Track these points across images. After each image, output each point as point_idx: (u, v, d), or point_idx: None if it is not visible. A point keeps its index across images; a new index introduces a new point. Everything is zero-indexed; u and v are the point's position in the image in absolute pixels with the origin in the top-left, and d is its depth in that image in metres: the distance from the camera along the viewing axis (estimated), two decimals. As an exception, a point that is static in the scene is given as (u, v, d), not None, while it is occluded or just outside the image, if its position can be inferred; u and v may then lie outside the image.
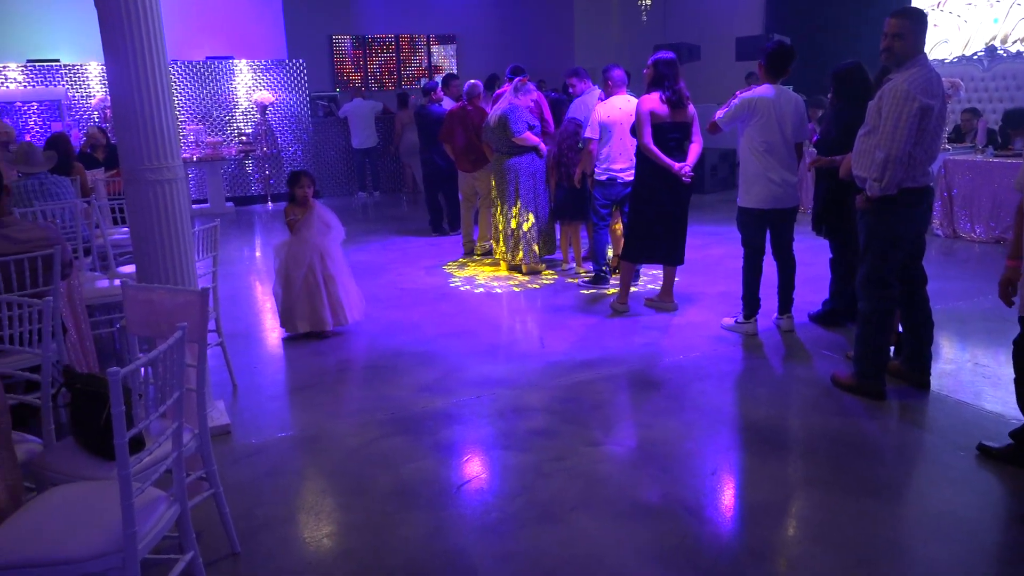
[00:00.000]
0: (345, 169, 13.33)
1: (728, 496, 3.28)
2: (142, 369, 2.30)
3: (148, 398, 2.35)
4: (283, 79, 12.47)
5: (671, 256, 5.70)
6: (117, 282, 4.95)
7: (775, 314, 5.38)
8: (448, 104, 8.92)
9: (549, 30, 15.55)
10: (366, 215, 11.44)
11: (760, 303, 5.24)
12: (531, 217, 6.95)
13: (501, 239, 7.16)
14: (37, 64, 11.28)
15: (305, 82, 12.65)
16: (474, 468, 3.60)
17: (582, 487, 3.34)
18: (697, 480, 3.39)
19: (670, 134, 5.42)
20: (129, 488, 2.05)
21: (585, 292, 6.48)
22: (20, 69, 11.17)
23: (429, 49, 15.65)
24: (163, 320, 2.78)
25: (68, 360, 3.61)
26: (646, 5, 12.55)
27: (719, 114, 5.11)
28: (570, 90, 7.23)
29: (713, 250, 7.82)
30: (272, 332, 5.84)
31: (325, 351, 5.24)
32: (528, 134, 6.81)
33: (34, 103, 11.17)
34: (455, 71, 15.49)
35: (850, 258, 5.05)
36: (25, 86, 11.18)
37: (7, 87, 11.09)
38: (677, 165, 5.36)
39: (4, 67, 11.10)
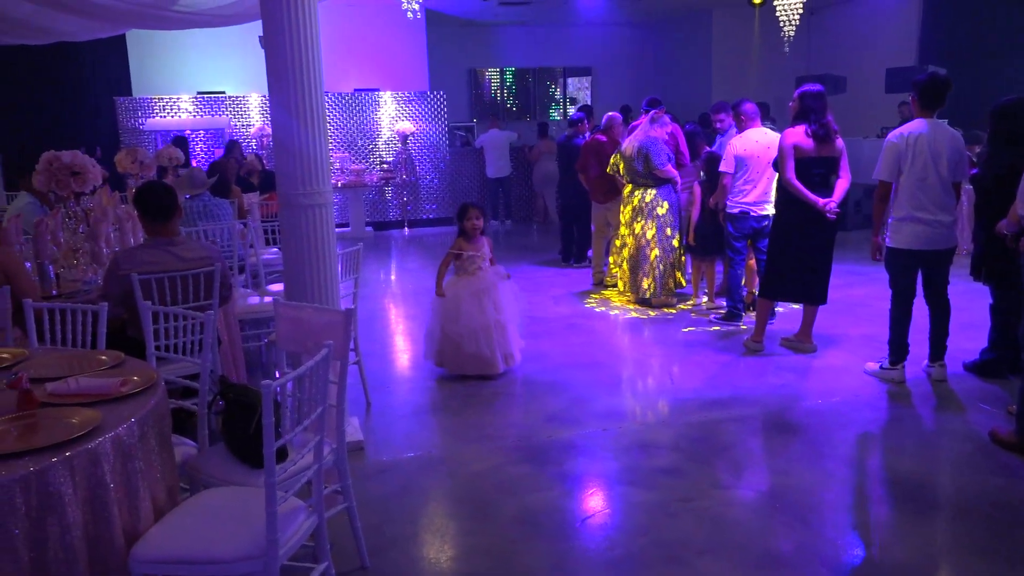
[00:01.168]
0: (478, 197, 13.63)
1: (869, 554, 3.08)
2: (289, 383, 2.43)
3: (292, 411, 2.48)
4: (424, 110, 12.96)
5: (812, 295, 5.46)
6: (267, 299, 5.26)
7: (925, 361, 5.04)
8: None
9: (686, 62, 15.42)
10: (497, 243, 11.63)
11: (909, 349, 4.92)
12: (664, 251, 6.86)
13: (631, 271, 7.10)
14: (205, 96, 12.27)
15: (445, 113, 13.09)
16: (598, 502, 3.55)
17: (710, 531, 3.23)
18: (835, 534, 3.20)
19: (815, 169, 5.22)
20: (274, 496, 2.15)
21: (717, 328, 6.31)
22: (191, 100, 12.18)
23: (565, 81, 15.86)
24: (309, 337, 2.92)
25: (221, 370, 3.86)
26: (789, 36, 12.23)
27: (879, 171, 4.85)
28: (717, 125, 7.12)
29: (856, 290, 7.43)
30: (404, 353, 6.03)
31: (454, 374, 5.34)
32: (669, 166, 6.76)
33: (201, 131, 12.14)
34: (590, 103, 15.63)
35: (1013, 304, 4.66)
36: (194, 116, 12.17)
37: (180, 116, 12.12)
38: (821, 201, 5.16)
39: (178, 98, 12.14)
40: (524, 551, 3.11)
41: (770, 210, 5.82)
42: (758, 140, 5.96)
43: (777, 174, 5.42)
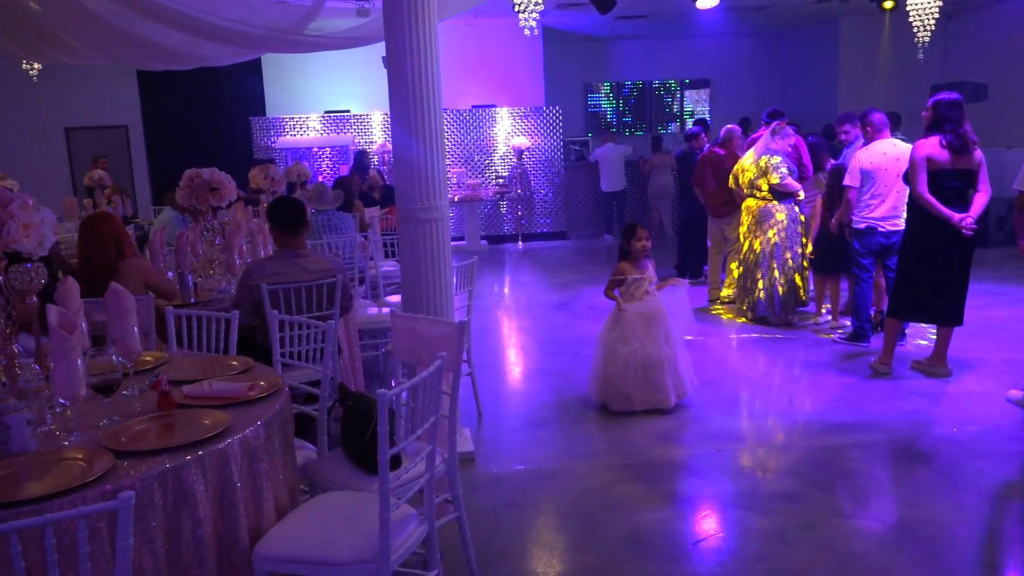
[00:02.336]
0: (593, 212, 13.62)
1: (1011, 597, 2.85)
2: (403, 392, 2.49)
3: (406, 420, 2.54)
4: (539, 125, 13.07)
5: (947, 316, 5.13)
6: (385, 310, 5.43)
7: (1078, 390, 4.63)
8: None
9: (810, 72, 14.87)
10: (610, 257, 11.57)
11: (1058, 376, 4.54)
12: (784, 266, 6.62)
13: (748, 288, 6.89)
14: (332, 114, 12.85)
15: (560, 128, 13.16)
16: (711, 525, 3.45)
17: (832, 562, 3.07)
18: (971, 573, 2.98)
19: (949, 182, 4.92)
20: (387, 502, 2.21)
21: (841, 349, 6.01)
22: (319, 119, 12.79)
23: (682, 94, 15.62)
24: (424, 348, 2.99)
25: (341, 378, 4.01)
26: (923, 42, 11.59)
27: (1019, 182, 4.51)
28: (841, 136, 6.83)
29: (996, 311, 6.92)
30: (516, 366, 6.07)
31: (565, 389, 5.33)
32: (791, 179, 6.53)
33: (327, 148, 12.72)
34: (708, 116, 15.32)
35: None
36: (321, 134, 12.77)
37: (308, 135, 12.74)
38: (957, 216, 4.85)
39: (307, 117, 12.77)
40: (632, 572, 3.06)
41: (901, 225, 5.52)
42: (886, 152, 5.67)
43: (908, 188, 5.14)
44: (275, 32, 6.44)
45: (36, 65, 9.67)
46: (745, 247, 6.92)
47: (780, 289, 6.66)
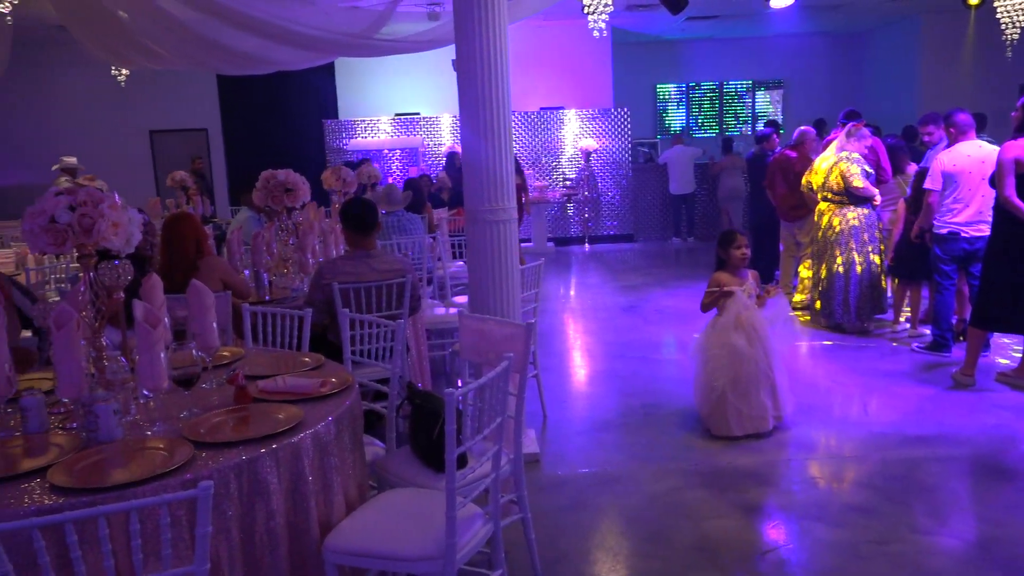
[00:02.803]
0: (661, 214, 13.48)
1: (1104, 623, 2.70)
2: (470, 392, 2.51)
3: (472, 420, 2.56)
4: (607, 127, 13.01)
5: (1034, 326, 4.89)
6: (452, 310, 5.48)
7: None
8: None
9: (889, 71, 14.40)
10: (679, 260, 11.43)
11: None
12: (859, 272, 6.43)
13: (823, 293, 6.71)
14: (402, 117, 13.05)
15: (628, 129, 13.07)
16: (781, 535, 3.38)
17: (907, 578, 2.97)
18: (1060, 596, 2.84)
19: (1040, 185, 4.70)
20: (453, 500, 2.24)
21: (920, 359, 5.80)
22: (389, 121, 13.01)
23: (754, 95, 15.33)
24: (491, 348, 3.01)
25: (409, 376, 4.07)
26: (1012, 39, 11.08)
27: None
28: (925, 138, 6.59)
29: (1091, 322, 6.56)
30: (581, 368, 6.05)
31: (631, 393, 5.29)
32: (867, 183, 6.34)
33: (397, 150, 12.93)
34: (780, 117, 14.99)
35: None
36: (391, 136, 12.98)
37: (378, 137, 12.97)
38: (1048, 221, 4.62)
39: (377, 120, 13.00)
40: (699, 579, 3.01)
41: (985, 231, 5.29)
42: (970, 154, 5.44)
43: (995, 192, 4.92)
44: (348, 37, 6.58)
45: (124, 71, 10.11)
46: (818, 252, 6.74)
47: (857, 296, 6.46)
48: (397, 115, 13.10)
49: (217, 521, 2.04)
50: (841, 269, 6.48)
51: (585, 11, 8.37)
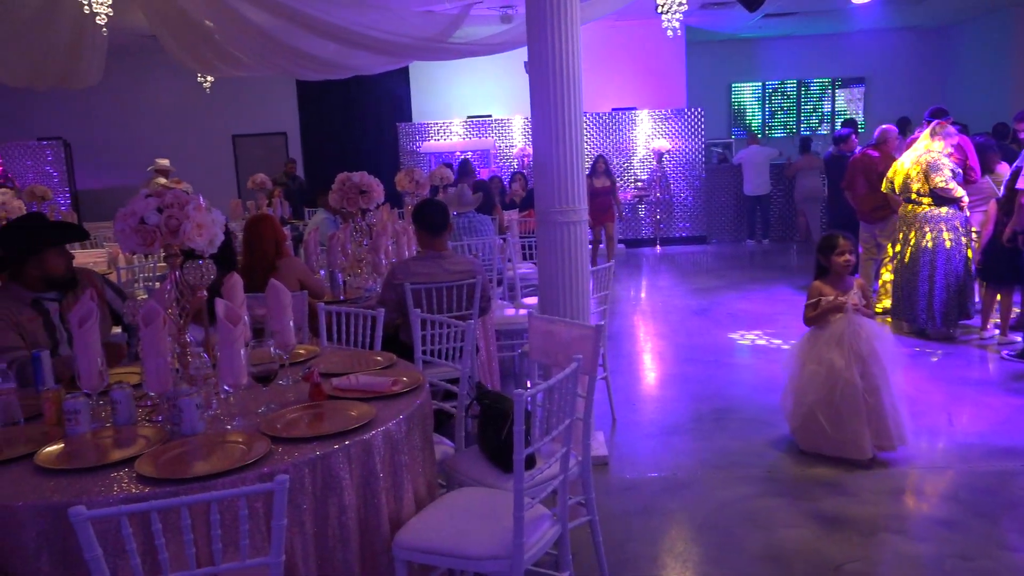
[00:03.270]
0: (734, 216, 13.22)
1: None
2: (539, 393, 2.52)
3: (541, 421, 2.57)
4: (681, 127, 12.83)
5: None
6: (522, 312, 5.50)
7: None
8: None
9: (979, 67, 13.76)
10: (753, 263, 11.19)
11: None
12: (945, 276, 6.17)
13: (905, 298, 6.46)
14: (474, 119, 13.17)
15: (702, 130, 12.86)
16: (858, 548, 3.27)
17: (995, 597, 2.84)
18: None
19: None
20: (521, 501, 2.24)
21: (1009, 367, 5.53)
22: (461, 123, 13.15)
23: (833, 93, 14.89)
24: (560, 350, 3.01)
25: (478, 377, 4.10)
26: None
27: None
28: (1021, 135, 6.28)
29: None
30: (651, 372, 5.98)
31: (703, 397, 5.21)
32: (953, 183, 6.08)
33: (469, 152, 13.05)
34: (861, 116, 14.51)
35: None
36: (463, 138, 13.12)
37: (451, 139, 13.12)
38: None
39: (450, 123, 13.16)
40: (771, 589, 2.94)
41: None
42: (1070, 152, 5.16)
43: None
44: (422, 41, 6.69)
45: (209, 78, 10.51)
46: (900, 254, 6.50)
47: (942, 301, 6.20)
48: (469, 117, 13.23)
49: (292, 514, 2.10)
50: (925, 272, 6.23)
51: (659, 10, 8.27)
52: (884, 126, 7.65)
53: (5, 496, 1.96)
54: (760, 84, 14.90)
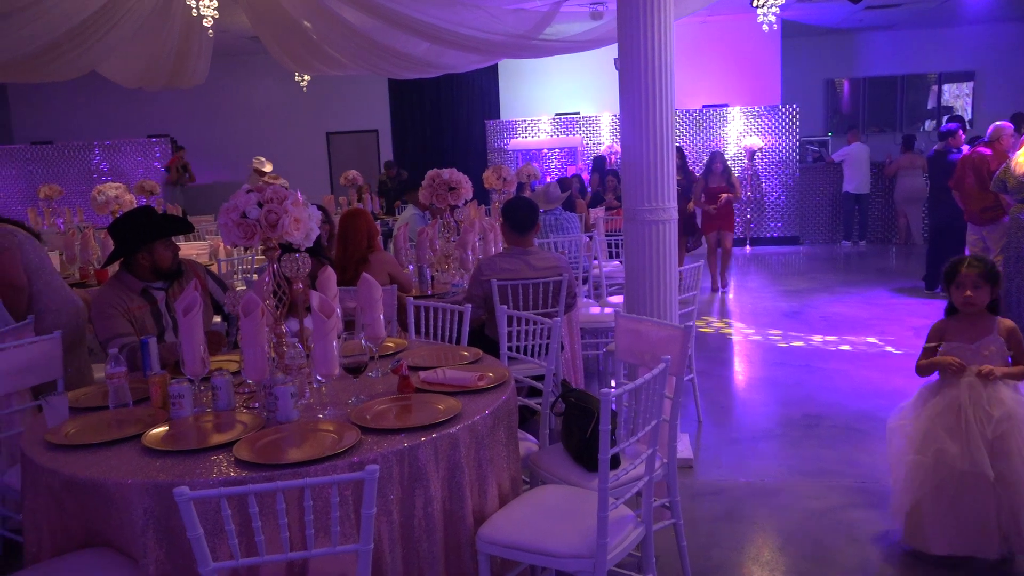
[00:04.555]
0: (829, 216, 12.77)
1: None
2: (625, 393, 2.49)
3: (626, 421, 2.55)
4: (774, 124, 12.48)
5: None
6: (607, 310, 5.47)
7: None
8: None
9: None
10: (849, 265, 10.79)
11: None
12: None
13: (1016, 306, 6.10)
14: (562, 116, 13.16)
15: (796, 127, 12.47)
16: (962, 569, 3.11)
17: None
18: None
19: None
20: (606, 501, 2.23)
21: None
22: (549, 121, 13.16)
23: (939, 88, 14.19)
24: (647, 350, 2.98)
25: (563, 374, 4.10)
26: None
27: None
28: None
29: None
30: (739, 375, 5.85)
31: (793, 402, 5.06)
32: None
33: (556, 149, 13.05)
34: (969, 111, 13.79)
35: None
36: (551, 136, 13.12)
37: (538, 137, 13.15)
38: None
39: (538, 120, 13.18)
40: (864, 604, 2.84)
41: None
42: None
43: None
44: (513, 38, 6.72)
45: (306, 77, 10.86)
46: (1012, 259, 6.13)
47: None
48: (557, 114, 13.23)
49: (379, 503, 2.14)
50: (1039, 279, 5.86)
51: (754, 4, 8.08)
52: (999, 122, 7.25)
53: (118, 473, 2.07)
54: (860, 79, 14.34)
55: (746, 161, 12.41)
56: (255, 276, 5.69)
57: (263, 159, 10.52)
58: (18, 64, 7.45)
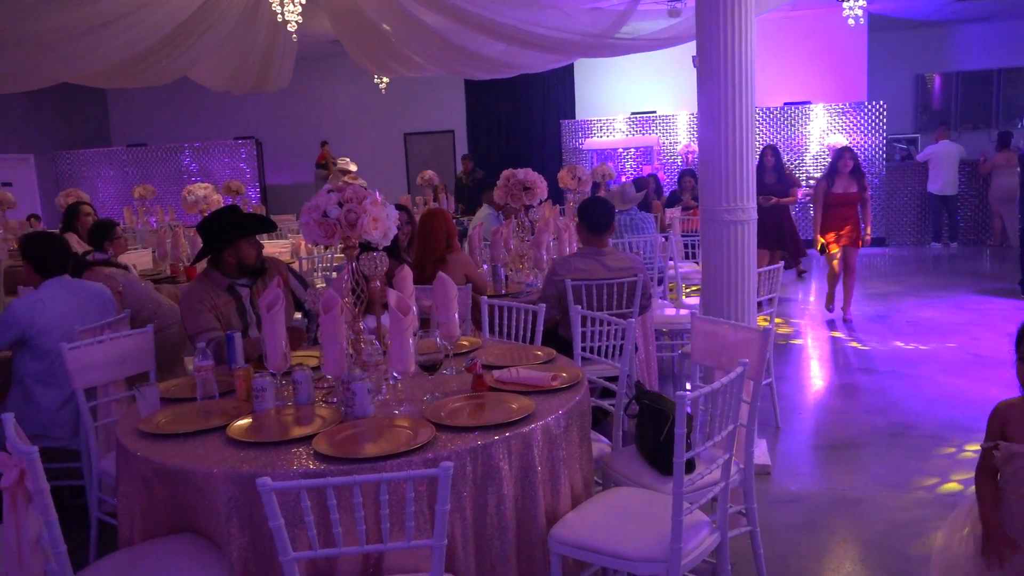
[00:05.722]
0: (917, 217, 12.27)
1: None
2: (701, 396, 2.45)
3: (701, 425, 2.50)
4: (860, 122, 12.06)
5: None
6: (683, 312, 5.39)
7: None
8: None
9: None
10: (938, 268, 10.35)
11: None
12: None
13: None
14: (638, 116, 13.03)
15: (884, 124, 12.03)
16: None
17: None
18: None
19: None
20: (680, 505, 2.20)
21: None
22: (625, 120, 13.04)
23: (1039, 82, 13.45)
24: (724, 353, 2.93)
25: (637, 376, 4.06)
26: None
27: None
28: None
29: None
30: (819, 380, 5.68)
31: (877, 409, 4.88)
32: None
33: (632, 149, 12.93)
34: (1075, 106, 13.03)
35: None
36: (627, 135, 13.01)
37: (613, 136, 13.05)
38: None
39: (613, 119, 13.09)
40: (952, 622, 2.71)
41: None
42: None
43: None
44: (589, 37, 6.69)
45: (384, 79, 11.07)
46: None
47: None
48: (633, 114, 13.10)
49: (453, 500, 2.17)
50: None
51: (839, -2, 7.83)
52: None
53: (204, 462, 2.16)
54: (952, 73, 13.72)
55: (830, 160, 12.03)
56: (334, 274, 5.83)
57: (348, 159, 10.77)
58: (116, 70, 7.83)
